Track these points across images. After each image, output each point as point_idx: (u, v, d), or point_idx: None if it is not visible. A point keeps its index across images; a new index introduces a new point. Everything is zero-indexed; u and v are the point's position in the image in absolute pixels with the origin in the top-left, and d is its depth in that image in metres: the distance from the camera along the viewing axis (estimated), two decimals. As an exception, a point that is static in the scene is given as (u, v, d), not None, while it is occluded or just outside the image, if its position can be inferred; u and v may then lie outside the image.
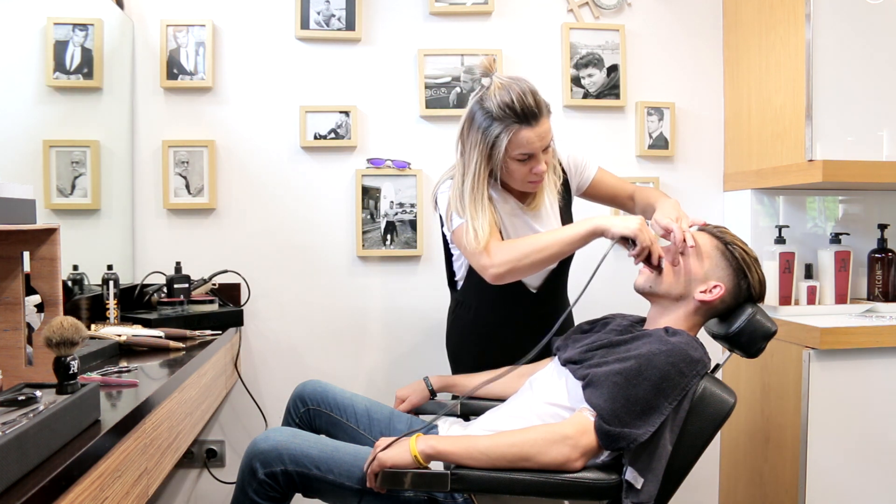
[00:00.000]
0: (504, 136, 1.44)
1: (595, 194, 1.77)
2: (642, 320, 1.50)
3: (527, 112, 1.43)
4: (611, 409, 1.19)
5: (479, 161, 1.49)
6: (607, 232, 1.40)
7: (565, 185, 1.71)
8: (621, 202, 1.78)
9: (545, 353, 1.64)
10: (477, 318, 1.71)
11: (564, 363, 1.38)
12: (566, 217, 1.72)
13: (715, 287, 1.36)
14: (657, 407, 1.20)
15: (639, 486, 1.18)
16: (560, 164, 1.69)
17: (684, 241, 1.36)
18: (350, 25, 2.23)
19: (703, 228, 1.44)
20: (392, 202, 2.26)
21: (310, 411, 1.61)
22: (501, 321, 1.69)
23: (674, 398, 1.22)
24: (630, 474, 1.20)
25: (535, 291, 1.68)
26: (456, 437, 1.27)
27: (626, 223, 1.37)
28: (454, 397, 1.69)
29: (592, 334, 1.46)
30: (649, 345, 1.27)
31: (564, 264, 1.73)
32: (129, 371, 1.38)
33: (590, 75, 2.32)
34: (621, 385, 1.21)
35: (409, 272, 2.29)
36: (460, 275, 1.74)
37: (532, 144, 1.45)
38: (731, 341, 1.38)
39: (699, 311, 1.39)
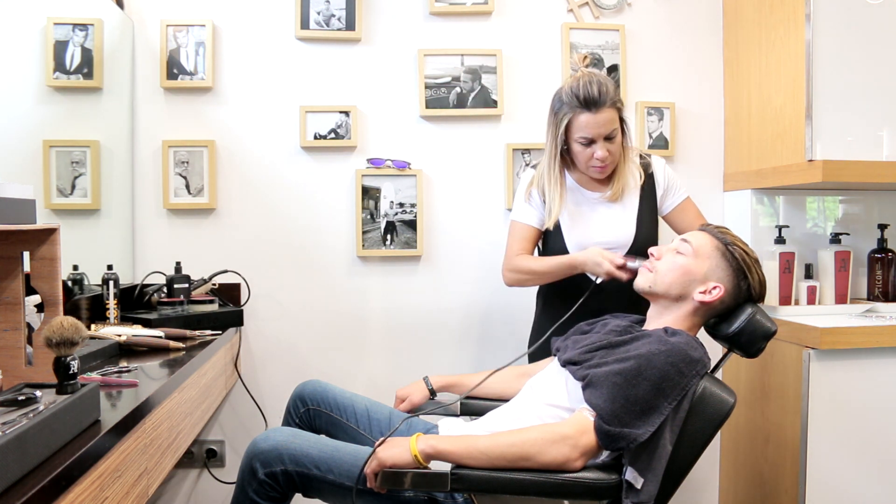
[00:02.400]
0: (565, 118, 1.66)
1: (672, 221, 1.87)
2: (641, 320, 1.50)
3: (588, 99, 1.62)
4: (610, 410, 1.19)
5: (551, 141, 1.72)
6: (582, 268, 1.66)
7: (650, 191, 1.80)
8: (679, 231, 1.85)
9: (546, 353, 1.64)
10: (550, 308, 1.82)
11: (564, 364, 1.38)
12: (646, 217, 1.78)
13: (714, 288, 1.36)
14: (657, 407, 1.20)
15: (639, 486, 1.19)
16: (646, 168, 1.80)
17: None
18: (350, 25, 2.23)
19: (704, 229, 1.44)
20: (392, 202, 2.26)
21: (310, 411, 1.61)
22: (567, 310, 1.68)
23: (673, 398, 1.22)
24: (630, 474, 1.20)
25: (599, 283, 1.69)
26: (456, 437, 1.27)
27: (594, 265, 1.60)
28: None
29: (592, 335, 1.46)
30: (649, 345, 1.27)
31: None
32: (129, 371, 1.38)
33: (590, 75, 2.32)
34: (621, 385, 1.21)
35: (409, 272, 2.29)
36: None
37: (590, 129, 1.63)
38: (731, 341, 1.38)
39: (698, 312, 1.39)
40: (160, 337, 1.64)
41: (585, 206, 1.77)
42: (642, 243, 1.72)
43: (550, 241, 1.78)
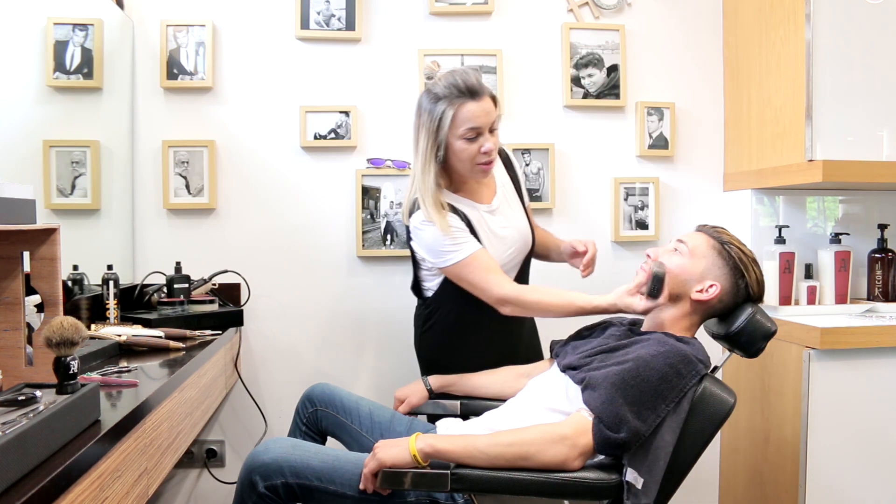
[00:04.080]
0: (449, 112, 1.52)
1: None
2: (640, 322, 1.50)
3: (470, 88, 1.52)
4: (608, 411, 1.19)
5: (427, 146, 1.56)
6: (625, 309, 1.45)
7: (515, 179, 1.77)
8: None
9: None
10: (457, 321, 1.71)
11: (564, 369, 1.38)
12: (526, 210, 1.76)
13: (711, 286, 1.36)
14: (654, 408, 1.20)
15: (639, 487, 1.19)
16: (514, 166, 1.78)
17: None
18: (350, 25, 2.23)
19: (701, 229, 1.44)
20: (392, 202, 2.26)
21: (317, 412, 1.62)
22: (478, 322, 1.69)
23: (671, 399, 1.22)
24: (630, 475, 1.20)
25: None
26: (455, 437, 1.27)
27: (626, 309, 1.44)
28: (445, 396, 1.69)
29: (592, 339, 1.47)
30: (647, 347, 1.28)
31: (526, 265, 1.78)
32: (129, 371, 1.38)
33: (590, 75, 2.32)
34: (619, 386, 1.21)
35: (410, 272, 2.28)
36: (434, 283, 1.73)
37: (477, 118, 1.53)
38: (730, 341, 1.38)
39: (697, 311, 1.39)
40: (160, 337, 1.64)
41: (486, 218, 1.66)
42: (533, 235, 1.75)
43: None
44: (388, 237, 2.26)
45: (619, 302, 1.43)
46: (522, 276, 1.77)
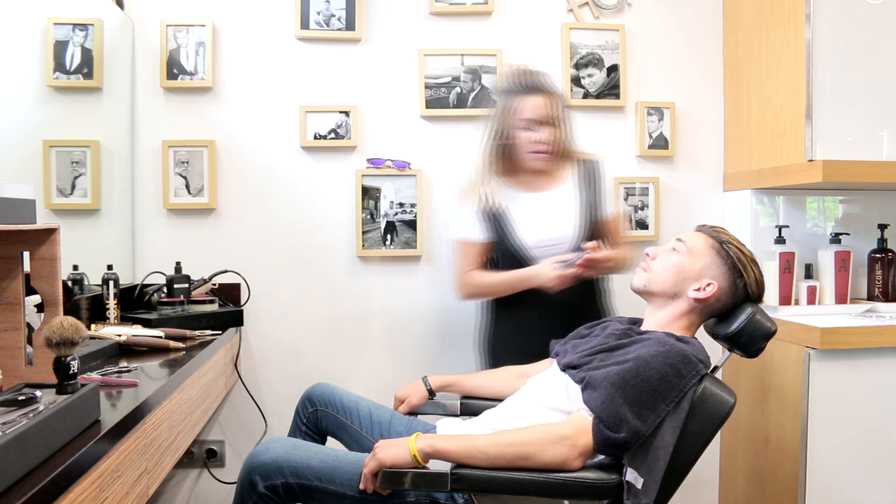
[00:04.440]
0: (511, 102, 1.77)
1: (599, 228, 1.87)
2: (639, 321, 1.50)
3: (530, 84, 1.77)
4: (608, 411, 1.19)
5: (495, 131, 1.80)
6: (536, 284, 1.71)
7: (593, 186, 1.86)
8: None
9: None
10: (509, 305, 1.82)
11: (564, 368, 1.38)
12: (586, 209, 1.83)
13: (709, 285, 1.37)
14: (654, 408, 1.20)
15: (639, 487, 1.18)
16: (589, 163, 1.88)
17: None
18: (350, 25, 2.23)
19: (700, 228, 1.45)
20: (392, 202, 2.26)
21: (317, 412, 1.62)
22: (529, 304, 1.77)
23: (671, 399, 1.22)
24: (630, 475, 1.20)
25: None
26: (454, 436, 1.27)
27: (548, 281, 1.67)
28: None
29: (591, 339, 1.47)
30: (647, 347, 1.28)
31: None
32: (129, 371, 1.38)
33: (590, 75, 2.32)
34: (619, 386, 1.21)
35: (409, 272, 2.29)
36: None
37: (534, 110, 1.75)
38: (730, 341, 1.38)
39: (695, 310, 1.39)
40: (160, 337, 1.64)
41: (531, 204, 1.81)
42: (580, 239, 1.78)
43: (509, 242, 1.79)
44: (388, 237, 2.26)
45: (545, 267, 1.67)
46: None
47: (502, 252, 1.81)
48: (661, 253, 1.44)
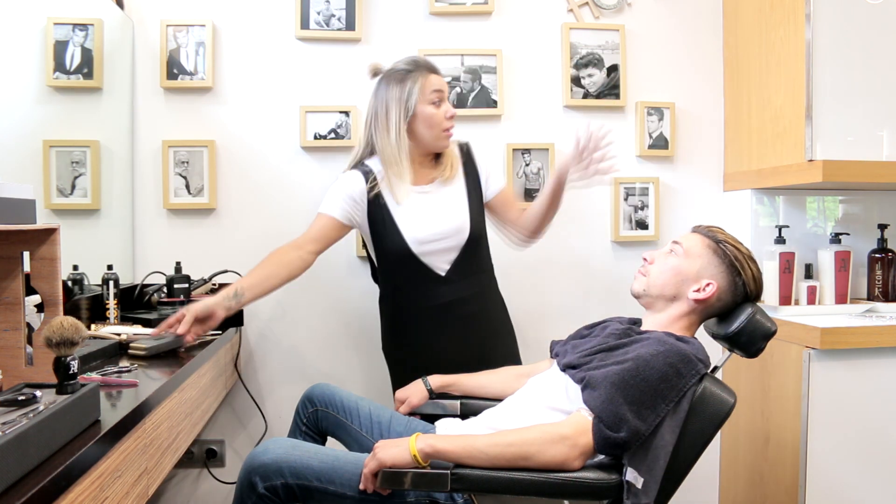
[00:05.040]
0: (417, 81, 1.70)
1: (496, 207, 1.86)
2: (639, 321, 1.50)
3: (429, 65, 1.74)
4: (608, 410, 1.19)
5: (399, 110, 1.70)
6: None
7: (473, 175, 1.82)
8: (514, 215, 1.86)
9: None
10: (395, 309, 1.79)
11: (564, 368, 1.38)
12: (475, 202, 1.79)
13: (708, 285, 1.37)
14: (654, 408, 1.20)
15: (639, 486, 1.18)
16: (465, 151, 1.85)
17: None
18: (350, 25, 2.23)
19: (696, 229, 1.45)
20: (392, 202, 2.25)
21: (317, 412, 1.62)
22: (416, 308, 1.75)
23: (671, 399, 1.22)
24: (630, 475, 1.20)
25: (444, 275, 1.74)
26: (455, 437, 1.27)
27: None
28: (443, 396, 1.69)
29: (591, 339, 1.47)
30: (647, 346, 1.28)
31: (475, 245, 1.78)
32: (129, 371, 1.38)
33: (590, 75, 2.32)
34: (618, 385, 1.21)
35: (409, 272, 2.29)
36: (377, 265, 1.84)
37: (441, 85, 1.72)
38: (730, 341, 1.38)
39: (695, 311, 1.39)
40: (149, 336, 1.64)
41: (415, 197, 1.74)
42: (476, 229, 1.77)
43: (386, 238, 1.73)
44: (388, 237, 2.26)
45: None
46: (467, 263, 1.76)
47: (385, 251, 1.75)
48: (659, 256, 1.44)
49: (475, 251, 1.79)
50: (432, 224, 1.72)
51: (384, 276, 1.82)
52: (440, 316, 1.75)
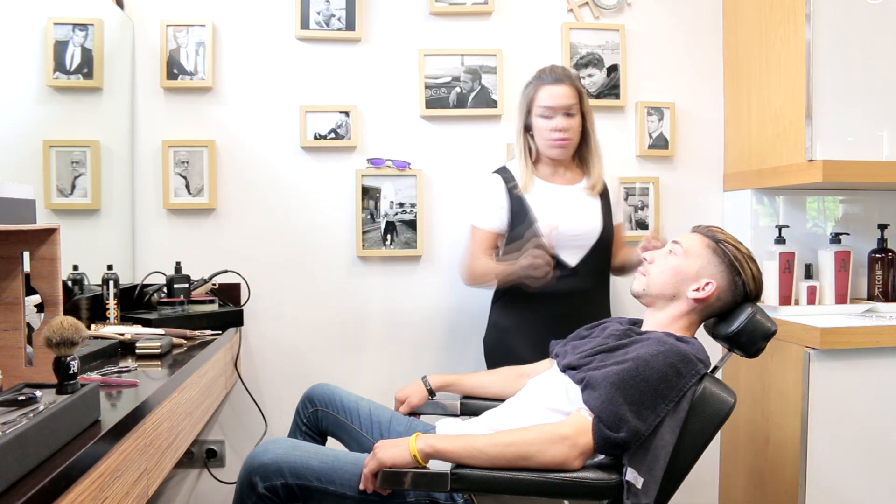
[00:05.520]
0: (529, 93, 1.85)
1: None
2: (639, 321, 1.50)
3: (550, 75, 1.84)
4: (608, 411, 1.19)
5: (520, 118, 1.88)
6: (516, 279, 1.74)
7: (606, 196, 1.92)
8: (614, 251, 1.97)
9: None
10: (516, 294, 1.83)
11: (564, 369, 1.38)
12: (608, 214, 1.90)
13: (707, 284, 1.37)
14: (654, 408, 1.20)
15: (639, 486, 1.18)
16: (604, 183, 1.93)
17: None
18: (350, 25, 2.23)
19: (696, 229, 1.45)
20: (392, 202, 2.26)
21: (318, 412, 1.62)
22: (537, 294, 1.77)
23: (671, 399, 1.22)
24: (630, 475, 1.20)
25: (573, 266, 1.84)
26: (455, 437, 1.27)
27: (526, 271, 1.69)
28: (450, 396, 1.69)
29: (591, 339, 1.47)
30: (647, 347, 1.28)
31: (604, 247, 1.88)
32: (129, 371, 1.38)
33: (590, 75, 2.32)
34: (618, 386, 1.21)
35: (409, 272, 2.29)
36: None
37: (551, 99, 1.80)
38: (730, 341, 1.38)
39: (695, 311, 1.39)
40: (161, 335, 1.64)
41: (554, 195, 1.86)
42: (606, 236, 1.88)
43: (524, 226, 1.82)
44: (388, 237, 2.26)
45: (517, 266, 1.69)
46: (588, 267, 1.86)
47: (517, 237, 1.82)
48: (659, 256, 1.44)
49: (604, 253, 1.89)
50: (566, 220, 1.81)
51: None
52: (559, 303, 1.81)
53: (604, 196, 1.91)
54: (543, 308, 1.82)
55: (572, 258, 1.84)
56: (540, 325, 1.82)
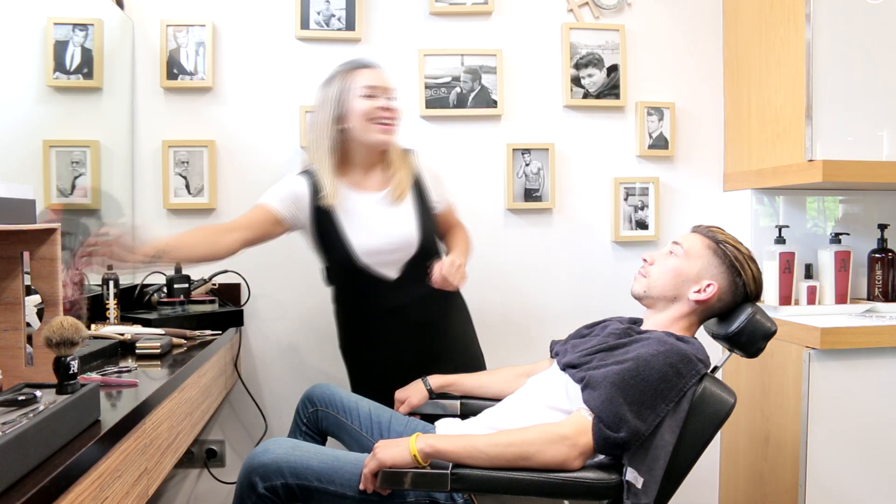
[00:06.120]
0: (346, 79, 1.65)
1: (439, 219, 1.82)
2: (639, 320, 1.50)
3: (361, 61, 1.68)
4: (608, 410, 1.19)
5: (329, 115, 1.65)
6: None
7: (420, 191, 1.76)
8: (443, 236, 1.85)
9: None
10: (348, 312, 1.77)
11: (564, 368, 1.38)
12: (425, 215, 1.74)
13: (709, 286, 1.37)
14: (654, 407, 1.20)
15: (639, 486, 1.19)
16: (414, 168, 1.77)
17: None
18: (350, 25, 2.23)
19: (696, 229, 1.45)
20: (392, 202, 2.25)
21: (318, 412, 1.62)
22: (368, 312, 1.72)
23: (671, 399, 1.22)
24: (630, 474, 1.20)
25: (394, 279, 1.70)
26: (454, 437, 1.27)
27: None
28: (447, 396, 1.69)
29: (591, 338, 1.47)
30: (647, 346, 1.28)
31: (425, 253, 1.71)
32: (129, 371, 1.38)
33: (590, 75, 2.32)
34: (619, 385, 1.21)
35: (409, 272, 2.29)
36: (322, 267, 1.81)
37: (371, 78, 1.64)
38: (730, 341, 1.38)
39: (696, 312, 1.39)
40: (161, 335, 1.64)
41: (362, 207, 1.68)
42: (426, 243, 1.71)
43: (334, 247, 1.68)
44: (388, 237, 2.25)
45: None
46: (419, 269, 1.67)
47: (334, 262, 1.72)
48: (659, 257, 1.44)
49: (427, 258, 1.71)
50: (379, 235, 1.67)
51: (335, 280, 1.80)
52: (392, 319, 1.72)
53: (417, 191, 1.73)
54: (381, 326, 1.72)
55: (391, 272, 1.70)
56: (389, 343, 1.73)
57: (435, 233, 1.78)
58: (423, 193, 1.76)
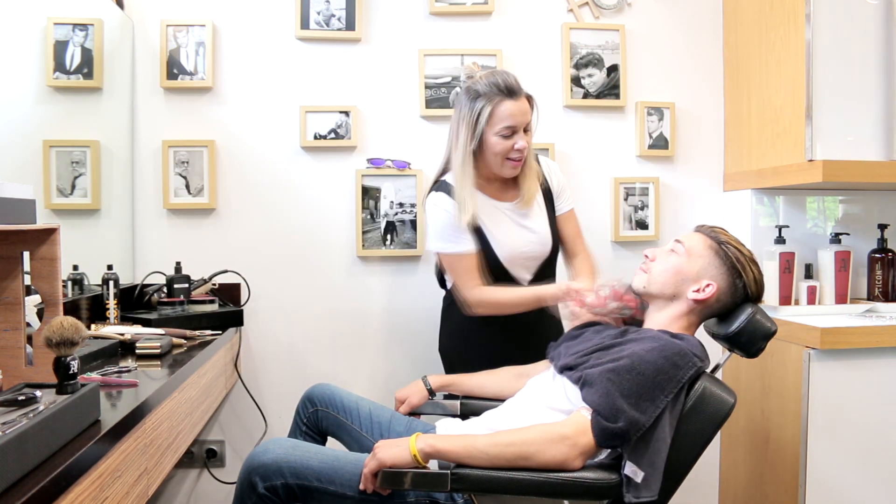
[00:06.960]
0: (486, 109, 1.62)
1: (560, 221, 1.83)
2: (637, 321, 1.50)
3: (509, 87, 1.62)
4: (605, 403, 1.19)
5: (466, 136, 1.64)
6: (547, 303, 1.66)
7: (548, 196, 1.80)
8: (566, 252, 1.86)
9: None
10: (471, 316, 1.74)
11: (561, 371, 1.38)
12: (553, 222, 1.79)
13: (708, 286, 1.37)
14: (653, 400, 1.20)
15: (638, 480, 1.18)
16: (543, 174, 1.80)
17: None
18: (350, 25, 2.23)
19: (699, 229, 1.45)
20: (392, 202, 2.26)
21: (318, 412, 1.62)
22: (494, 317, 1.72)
23: (669, 391, 1.21)
24: (629, 468, 1.19)
25: (529, 280, 1.75)
26: (455, 437, 1.27)
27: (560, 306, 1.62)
28: (451, 396, 1.69)
29: (586, 339, 1.46)
30: (642, 343, 1.28)
31: (554, 256, 1.80)
32: (129, 371, 1.38)
33: (590, 75, 2.32)
34: (615, 381, 1.21)
35: (409, 272, 2.29)
36: None
37: (514, 117, 1.62)
38: (730, 341, 1.38)
39: (694, 311, 1.39)
40: (161, 335, 1.64)
41: (499, 215, 1.73)
42: (556, 246, 1.78)
43: (484, 256, 1.70)
44: (388, 237, 2.26)
45: (564, 287, 1.59)
46: (544, 275, 1.78)
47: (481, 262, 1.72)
48: (660, 254, 1.44)
49: (554, 259, 1.81)
50: (519, 244, 1.72)
51: None
52: (522, 318, 1.71)
53: (545, 196, 1.78)
54: (499, 325, 1.74)
55: (526, 274, 1.75)
56: (500, 338, 1.76)
57: (559, 240, 1.81)
58: (551, 198, 1.80)
